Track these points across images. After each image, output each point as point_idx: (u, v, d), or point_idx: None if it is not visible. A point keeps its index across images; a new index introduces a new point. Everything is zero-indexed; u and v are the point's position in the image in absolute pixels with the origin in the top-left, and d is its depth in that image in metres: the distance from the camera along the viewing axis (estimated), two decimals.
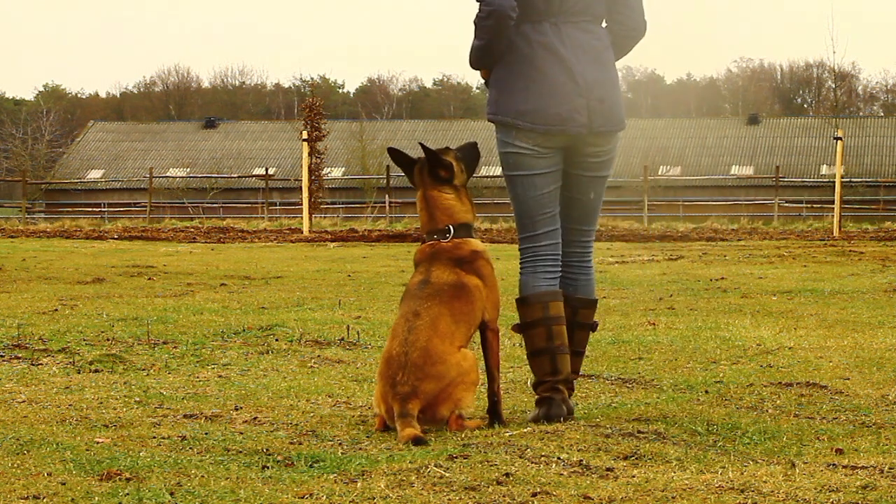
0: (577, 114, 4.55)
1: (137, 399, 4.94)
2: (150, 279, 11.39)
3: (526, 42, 4.57)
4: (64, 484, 3.58)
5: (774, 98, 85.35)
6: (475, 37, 4.59)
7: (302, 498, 3.47)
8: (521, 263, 4.69)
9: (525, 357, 4.89)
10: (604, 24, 4.73)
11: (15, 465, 3.80)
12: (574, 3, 4.59)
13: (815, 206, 42.03)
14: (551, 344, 4.57)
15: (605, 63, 4.63)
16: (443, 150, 4.62)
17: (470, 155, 4.61)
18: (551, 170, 4.63)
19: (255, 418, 4.56)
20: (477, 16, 4.55)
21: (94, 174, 60.87)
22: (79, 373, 5.61)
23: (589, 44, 4.60)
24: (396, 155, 4.61)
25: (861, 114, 75.87)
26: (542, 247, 4.66)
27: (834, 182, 23.89)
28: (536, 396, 4.61)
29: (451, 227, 4.50)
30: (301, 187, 24.83)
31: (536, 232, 4.66)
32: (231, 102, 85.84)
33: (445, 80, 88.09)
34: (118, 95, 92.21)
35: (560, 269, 4.69)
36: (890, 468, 3.82)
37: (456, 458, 3.91)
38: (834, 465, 3.87)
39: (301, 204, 25.25)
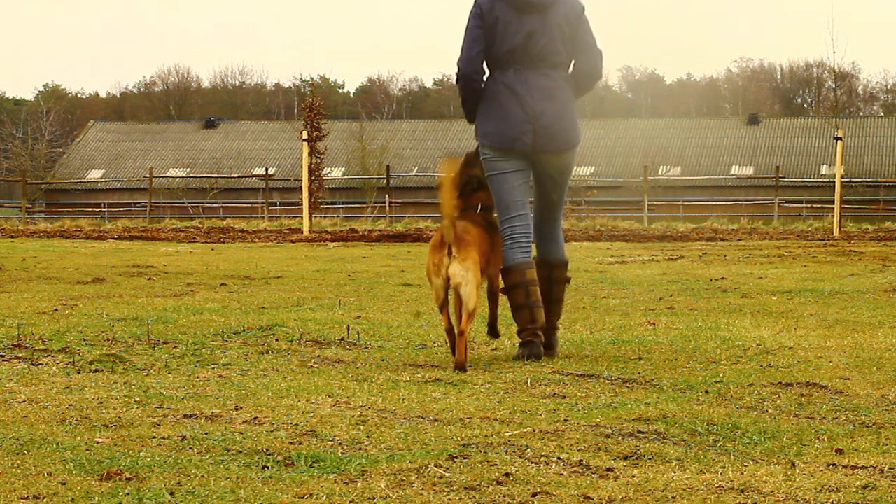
0: (525, 136, 6.05)
1: (137, 399, 4.94)
2: (150, 279, 11.39)
3: (494, 83, 6.10)
4: (64, 484, 3.58)
5: (774, 98, 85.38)
6: (459, 94, 6.20)
7: (302, 498, 3.47)
8: (503, 240, 6.13)
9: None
10: (568, 69, 6.16)
11: (15, 465, 3.80)
12: (533, 56, 6.03)
13: (815, 206, 42.05)
14: (529, 300, 6.01)
15: (555, 99, 6.07)
16: (472, 159, 6.24)
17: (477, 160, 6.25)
18: (517, 169, 6.12)
19: (255, 418, 4.56)
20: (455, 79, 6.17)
21: (94, 174, 60.88)
22: (79, 373, 5.60)
23: (543, 84, 6.05)
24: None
25: (861, 114, 75.92)
26: (517, 226, 6.12)
27: (834, 182, 23.88)
28: (520, 340, 6.06)
29: (480, 205, 6.18)
30: (301, 187, 24.83)
31: (511, 215, 6.13)
32: (231, 102, 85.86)
33: (445, 80, 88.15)
34: (118, 95, 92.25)
35: (530, 242, 6.14)
36: (890, 468, 3.82)
37: (456, 458, 3.91)
38: (834, 465, 3.87)
39: (301, 204, 25.25)
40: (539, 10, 6.02)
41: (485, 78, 6.14)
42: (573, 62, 6.14)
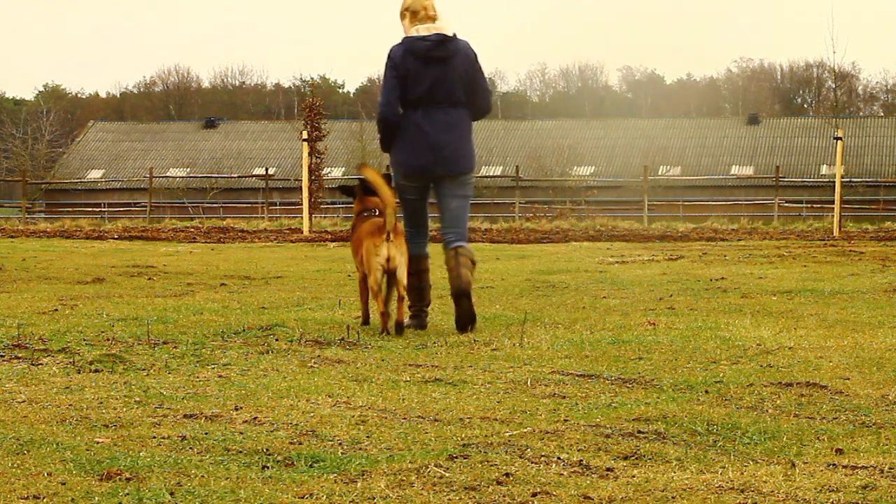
0: (430, 164, 7.43)
1: (137, 399, 4.94)
2: (150, 279, 11.39)
3: (406, 121, 7.44)
4: (64, 484, 3.58)
5: (774, 98, 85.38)
6: (378, 130, 7.55)
7: (302, 498, 3.47)
8: (408, 239, 7.43)
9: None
10: (465, 107, 7.48)
11: (15, 465, 3.80)
12: (437, 97, 7.39)
13: (815, 206, 42.08)
14: (422, 284, 7.48)
15: (454, 132, 7.46)
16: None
17: (388, 181, 7.41)
18: (421, 187, 7.53)
19: (255, 418, 4.56)
20: (376, 118, 7.54)
21: (94, 174, 60.88)
22: (79, 373, 5.61)
23: (445, 120, 7.43)
24: (346, 189, 7.91)
25: (861, 114, 75.93)
26: (419, 232, 7.60)
27: (834, 182, 23.88)
28: (412, 312, 7.46)
29: (377, 210, 7.38)
30: (301, 187, 24.83)
31: (416, 222, 7.60)
32: (231, 102, 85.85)
33: None
34: (118, 95, 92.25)
35: (426, 241, 7.60)
36: (890, 468, 3.83)
37: (456, 458, 3.91)
38: (834, 465, 3.87)
39: (301, 204, 25.25)
40: (441, 63, 7.40)
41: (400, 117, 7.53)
42: (469, 100, 7.52)
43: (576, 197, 44.77)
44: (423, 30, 7.45)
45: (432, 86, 7.39)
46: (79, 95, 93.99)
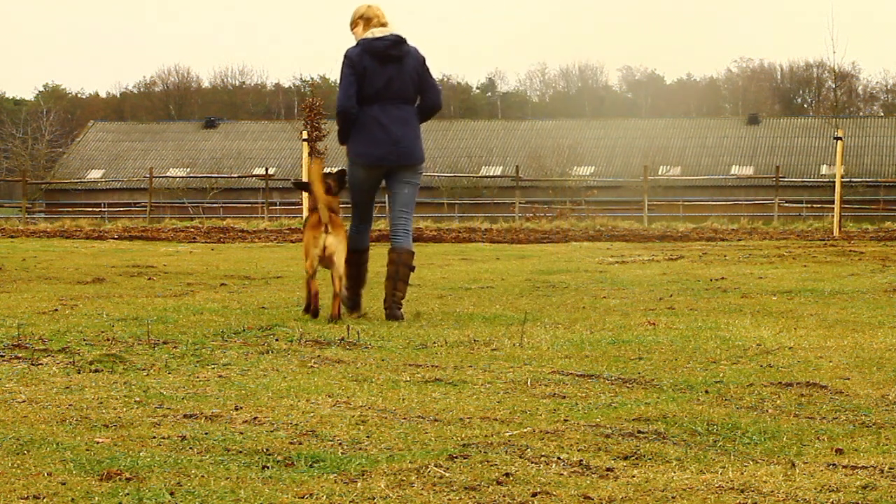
0: (389, 154, 8.05)
1: (137, 399, 4.94)
2: (150, 279, 11.39)
3: (364, 115, 8.06)
4: (64, 484, 3.58)
5: (774, 98, 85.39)
6: (336, 122, 8.18)
7: (302, 498, 3.47)
8: (351, 228, 8.19)
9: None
10: (415, 103, 8.14)
11: (15, 465, 3.80)
12: (392, 94, 8.01)
13: (815, 206, 42.11)
14: (360, 273, 8.41)
15: (409, 125, 8.09)
16: (326, 174, 8.03)
17: (341, 179, 8.08)
18: (375, 179, 8.15)
19: (255, 418, 4.56)
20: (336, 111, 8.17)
21: (94, 174, 60.89)
22: (79, 373, 5.60)
23: (400, 115, 8.07)
24: (300, 185, 8.57)
25: (861, 114, 75.96)
26: (366, 228, 8.29)
27: (834, 182, 23.88)
28: (348, 294, 8.18)
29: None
30: None
31: (364, 213, 8.26)
32: (231, 102, 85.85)
33: (445, 80, 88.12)
34: (118, 95, 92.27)
35: (368, 235, 8.33)
36: (890, 468, 3.83)
37: (456, 458, 3.91)
38: (834, 465, 3.87)
39: (301, 204, 25.24)
40: (395, 61, 8.02)
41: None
42: (420, 98, 8.18)
43: (576, 197, 44.79)
44: (378, 32, 8.08)
45: (388, 82, 8.02)
46: (79, 95, 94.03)
